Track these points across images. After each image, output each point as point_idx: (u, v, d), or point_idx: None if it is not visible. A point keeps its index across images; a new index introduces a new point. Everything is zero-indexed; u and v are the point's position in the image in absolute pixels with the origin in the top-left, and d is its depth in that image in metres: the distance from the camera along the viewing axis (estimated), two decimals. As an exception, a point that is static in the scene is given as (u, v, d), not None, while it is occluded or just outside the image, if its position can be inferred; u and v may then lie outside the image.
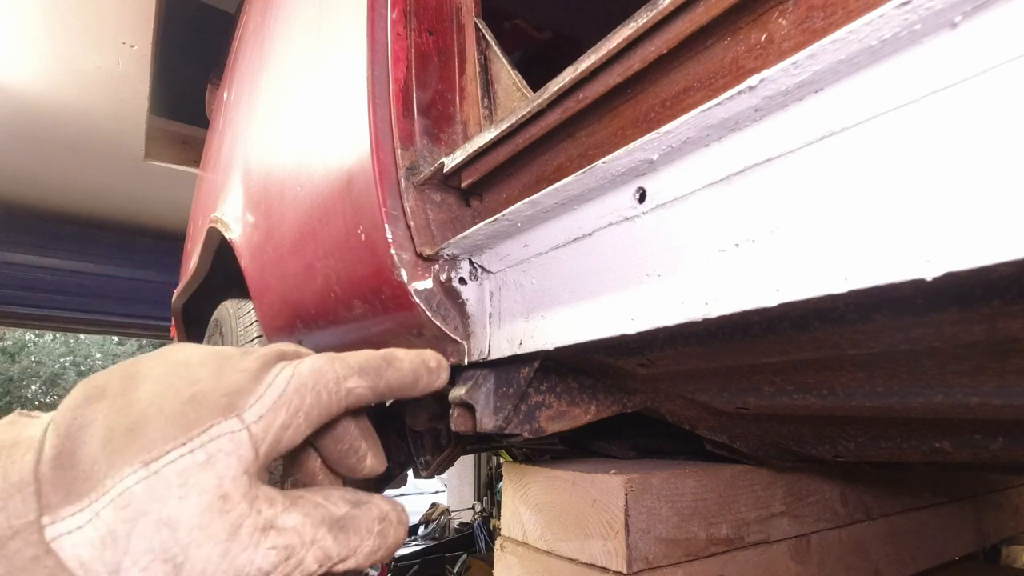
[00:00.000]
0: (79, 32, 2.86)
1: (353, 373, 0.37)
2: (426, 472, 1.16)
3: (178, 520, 0.29)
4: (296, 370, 0.35)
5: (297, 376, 0.34)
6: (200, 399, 0.32)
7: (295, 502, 0.33)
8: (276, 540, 0.31)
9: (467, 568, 4.34)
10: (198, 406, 0.31)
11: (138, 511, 0.29)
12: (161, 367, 0.34)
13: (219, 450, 0.31)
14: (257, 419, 0.32)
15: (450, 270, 0.59)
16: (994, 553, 1.66)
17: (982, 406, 0.40)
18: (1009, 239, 0.22)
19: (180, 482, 0.29)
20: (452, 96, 0.70)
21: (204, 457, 0.30)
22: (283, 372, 0.34)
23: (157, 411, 0.31)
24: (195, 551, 0.29)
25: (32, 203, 4.58)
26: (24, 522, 0.27)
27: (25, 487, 0.27)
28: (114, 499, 0.28)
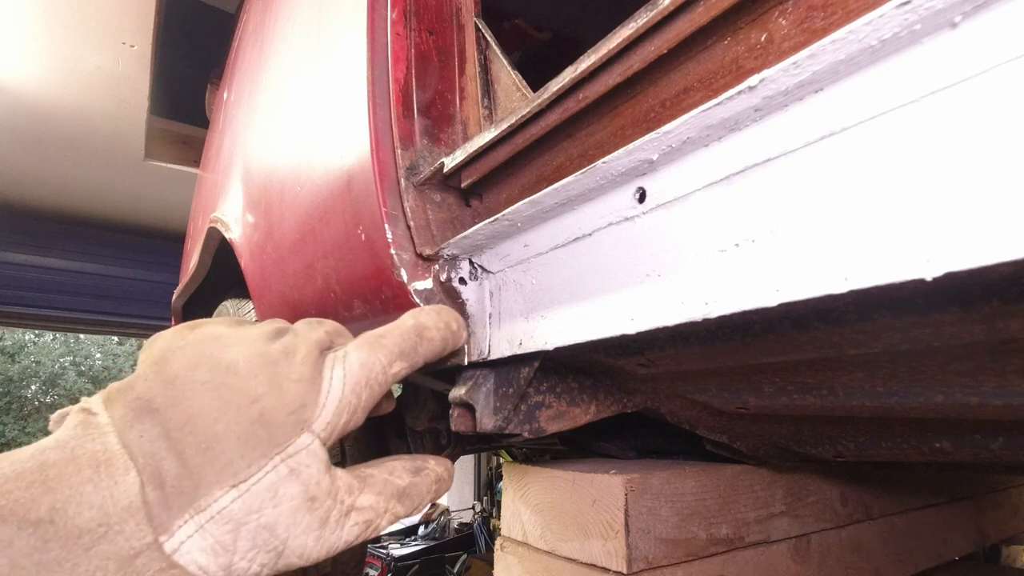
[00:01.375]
0: (79, 32, 2.86)
1: (396, 358, 0.40)
2: (426, 472, 1.16)
3: (275, 523, 0.33)
4: (347, 368, 0.38)
5: (350, 376, 0.37)
6: (268, 419, 0.34)
7: (367, 482, 0.37)
8: (357, 518, 0.36)
9: (467, 568, 4.34)
10: (268, 426, 0.34)
11: (239, 522, 0.32)
12: (205, 372, 0.35)
13: (299, 464, 0.34)
14: (325, 426, 0.36)
15: (450, 270, 0.59)
16: (994, 553, 1.66)
17: (982, 406, 0.40)
18: (1009, 239, 0.22)
19: (271, 495, 0.33)
20: (452, 96, 0.70)
21: (287, 471, 0.34)
22: (335, 373, 0.37)
23: (225, 430, 0.33)
24: (293, 541, 0.34)
25: (32, 203, 4.58)
26: (144, 543, 0.30)
27: (136, 512, 0.31)
28: (214, 516, 0.32)
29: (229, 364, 0.35)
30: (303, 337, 0.38)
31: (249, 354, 0.36)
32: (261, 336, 0.38)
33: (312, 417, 0.35)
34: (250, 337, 0.37)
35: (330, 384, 0.37)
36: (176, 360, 0.35)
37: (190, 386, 0.34)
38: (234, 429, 0.33)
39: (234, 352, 0.36)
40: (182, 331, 0.37)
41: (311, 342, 0.38)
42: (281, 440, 0.34)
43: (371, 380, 0.38)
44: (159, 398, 0.33)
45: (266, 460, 0.33)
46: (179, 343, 0.36)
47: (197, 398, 0.34)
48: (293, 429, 0.34)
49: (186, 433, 0.33)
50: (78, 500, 0.30)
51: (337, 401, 0.36)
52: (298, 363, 0.36)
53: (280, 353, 0.37)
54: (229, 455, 0.33)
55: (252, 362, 0.35)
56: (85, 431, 0.32)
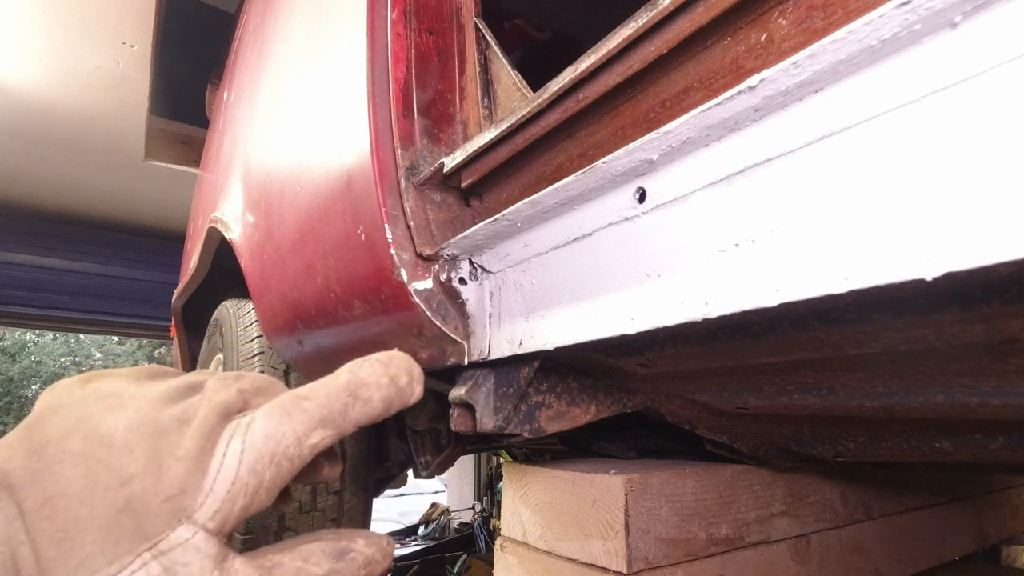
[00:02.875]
0: (79, 32, 2.86)
1: (315, 427, 0.33)
2: (426, 472, 1.16)
3: None
4: (248, 442, 0.31)
5: (250, 450, 0.31)
6: (137, 507, 0.28)
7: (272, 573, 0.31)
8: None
9: (467, 568, 4.34)
10: (136, 515, 0.28)
11: None
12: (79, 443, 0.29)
13: (175, 562, 0.28)
14: (212, 515, 0.30)
15: (450, 270, 0.59)
16: (994, 553, 1.66)
17: (982, 406, 0.40)
18: (1009, 239, 0.22)
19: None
20: (452, 96, 0.70)
21: (159, 570, 0.28)
22: (231, 447, 0.31)
23: (88, 518, 0.28)
24: None
25: (32, 203, 4.58)
26: None
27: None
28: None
29: (105, 433, 0.30)
30: (208, 398, 0.32)
31: (131, 422, 0.30)
32: (160, 396, 0.32)
33: (193, 505, 0.29)
34: (147, 397, 0.31)
35: (221, 462, 0.30)
36: (52, 424, 0.30)
37: (59, 458, 0.29)
38: (98, 517, 0.28)
39: (116, 418, 0.30)
40: (75, 384, 0.32)
41: (214, 405, 0.32)
42: (152, 533, 0.28)
43: (278, 455, 0.31)
44: (17, 471, 0.28)
45: (131, 557, 0.28)
46: (63, 400, 0.31)
47: (63, 474, 0.28)
48: (167, 520, 0.29)
49: (42, 518, 0.28)
50: None
51: (229, 484, 0.30)
52: (188, 435, 0.30)
53: (173, 420, 0.31)
54: (88, 549, 0.27)
55: (133, 432, 0.30)
56: None
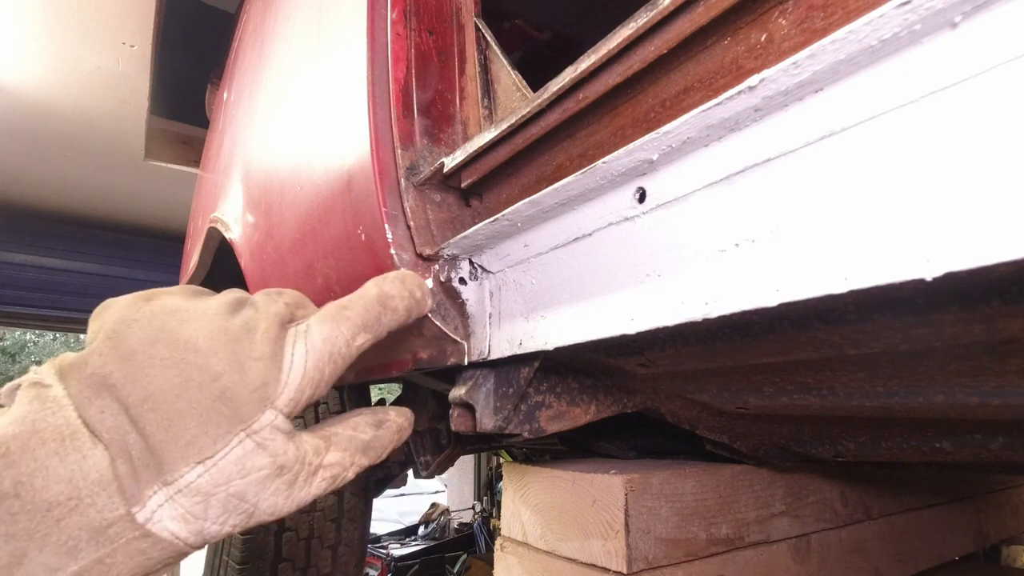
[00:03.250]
0: (79, 32, 2.86)
1: (359, 331, 0.40)
2: (426, 472, 1.16)
3: (244, 491, 0.34)
4: (309, 344, 0.38)
5: (312, 351, 0.38)
6: (231, 397, 0.34)
7: (332, 440, 0.39)
8: (324, 474, 0.38)
9: (467, 568, 4.34)
10: (231, 404, 0.34)
11: (207, 494, 0.34)
12: (163, 348, 0.34)
13: (265, 439, 0.35)
14: (288, 402, 0.36)
15: (450, 270, 0.59)
16: (994, 553, 1.66)
17: (982, 406, 0.40)
18: (1009, 239, 0.22)
19: (238, 468, 0.34)
20: (452, 96, 0.70)
21: (253, 445, 0.35)
22: (297, 349, 0.37)
23: (187, 408, 0.33)
24: (263, 503, 0.35)
25: (32, 203, 4.58)
26: (117, 515, 0.32)
27: (107, 485, 0.32)
28: (182, 489, 0.33)
29: (188, 340, 0.35)
30: (263, 311, 0.38)
31: (209, 330, 0.36)
32: (220, 310, 0.37)
33: (275, 395, 0.36)
34: (209, 311, 0.37)
35: (291, 361, 0.37)
36: (132, 334, 0.35)
37: (149, 362, 0.34)
38: (196, 407, 0.33)
39: (193, 328, 0.35)
40: (136, 302, 0.37)
41: (271, 316, 0.38)
42: (245, 417, 0.35)
43: (334, 354, 0.39)
44: (116, 373, 0.33)
45: (231, 436, 0.34)
46: (134, 315, 0.36)
47: (156, 375, 0.33)
48: (257, 407, 0.35)
49: (147, 410, 0.33)
50: (44, 474, 0.30)
51: (300, 378, 0.37)
52: (258, 340, 0.36)
53: (240, 329, 0.36)
54: (193, 432, 0.33)
55: (212, 339, 0.35)
56: (43, 405, 0.32)
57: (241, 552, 1.36)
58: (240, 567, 1.36)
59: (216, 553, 1.53)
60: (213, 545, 1.55)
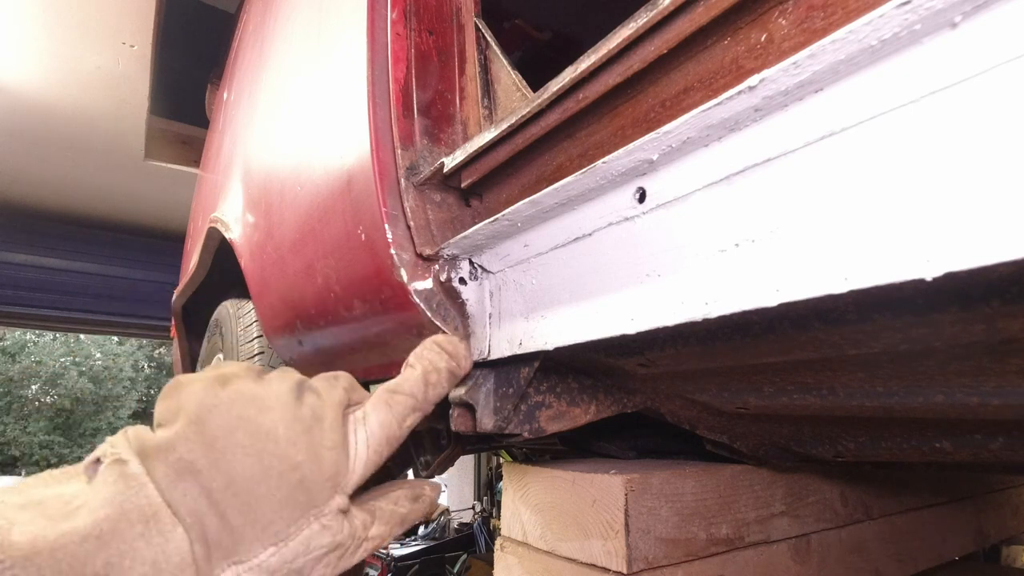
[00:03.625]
0: (79, 32, 2.86)
1: (409, 412, 0.45)
2: (426, 472, 1.16)
3: (303, 567, 0.38)
4: (369, 431, 0.43)
5: (372, 438, 0.43)
6: (308, 486, 0.39)
7: (376, 515, 0.43)
8: (367, 545, 0.42)
9: (467, 568, 4.34)
10: (308, 492, 0.39)
11: (273, 571, 0.37)
12: (245, 437, 0.38)
13: (330, 520, 0.39)
14: (353, 486, 0.41)
15: (450, 270, 0.59)
16: (994, 553, 1.66)
17: (982, 406, 0.40)
18: (1009, 239, 0.22)
19: (304, 548, 0.38)
20: (452, 96, 0.70)
21: (319, 527, 0.39)
22: (359, 437, 0.42)
23: (267, 493, 0.37)
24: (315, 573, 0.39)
25: (32, 203, 4.58)
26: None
27: (187, 567, 0.34)
28: (252, 568, 0.36)
29: (268, 430, 0.39)
30: (327, 400, 0.43)
31: (286, 420, 0.40)
32: (290, 398, 0.41)
33: (345, 482, 0.40)
34: (281, 399, 0.41)
35: (356, 449, 0.42)
36: (214, 421, 0.38)
37: (231, 450, 0.37)
38: (276, 493, 0.37)
39: (271, 417, 0.39)
40: (214, 387, 0.40)
41: (335, 405, 0.42)
42: (319, 503, 0.39)
43: (390, 438, 0.44)
44: (201, 460, 0.36)
45: (304, 521, 0.38)
46: (214, 402, 0.39)
47: (238, 462, 0.37)
48: (329, 493, 0.39)
49: (229, 495, 0.36)
50: (132, 555, 0.33)
51: (364, 463, 0.42)
52: (328, 430, 0.41)
53: (311, 419, 0.41)
54: (270, 516, 0.37)
55: (289, 428, 0.39)
56: (127, 485, 0.35)
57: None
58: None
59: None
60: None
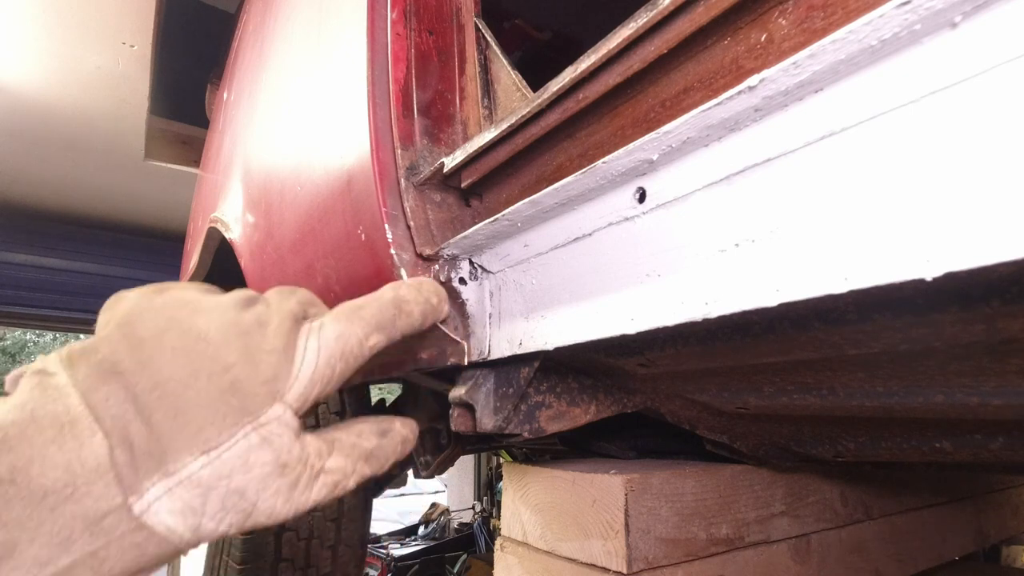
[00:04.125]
0: (79, 32, 2.86)
1: (372, 331, 0.40)
2: (426, 472, 1.16)
3: (245, 488, 0.34)
4: (322, 340, 0.38)
5: (324, 348, 0.38)
6: (240, 388, 0.34)
7: (335, 446, 0.39)
8: (325, 479, 0.37)
9: (467, 568, 4.34)
10: (240, 396, 0.34)
11: (208, 487, 0.33)
12: (175, 338, 0.34)
13: (271, 433, 0.35)
14: (297, 397, 0.36)
15: (450, 270, 0.59)
16: (994, 553, 1.66)
17: (982, 406, 0.40)
18: (1009, 239, 0.22)
19: (241, 462, 0.34)
20: (452, 96, 0.70)
21: (258, 439, 0.34)
22: (310, 344, 0.37)
23: (196, 397, 0.33)
24: (263, 503, 0.35)
25: (32, 203, 4.58)
26: (113, 504, 0.31)
27: (105, 473, 0.31)
28: (182, 481, 0.32)
29: (200, 331, 0.35)
30: (275, 307, 0.38)
31: (221, 322, 0.36)
32: (233, 304, 0.37)
33: (284, 389, 0.36)
34: (222, 305, 0.37)
35: (303, 356, 0.37)
36: (144, 323, 0.35)
37: (159, 351, 0.34)
38: (204, 397, 0.33)
39: (205, 319, 0.36)
40: (149, 293, 0.37)
41: (284, 312, 0.38)
42: (253, 410, 0.34)
43: (346, 353, 0.39)
44: (126, 361, 0.33)
45: (237, 428, 0.34)
46: (146, 305, 0.36)
47: (166, 363, 0.33)
48: (265, 399, 0.35)
49: (154, 398, 0.33)
50: (41, 461, 0.30)
51: (311, 373, 0.37)
52: (271, 334, 0.36)
53: (253, 323, 0.37)
54: (199, 422, 0.33)
55: (225, 331, 0.35)
56: (44, 392, 0.32)
57: (241, 552, 1.36)
58: (240, 567, 1.36)
59: (216, 553, 1.53)
60: (213, 545, 1.55)
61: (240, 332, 0.36)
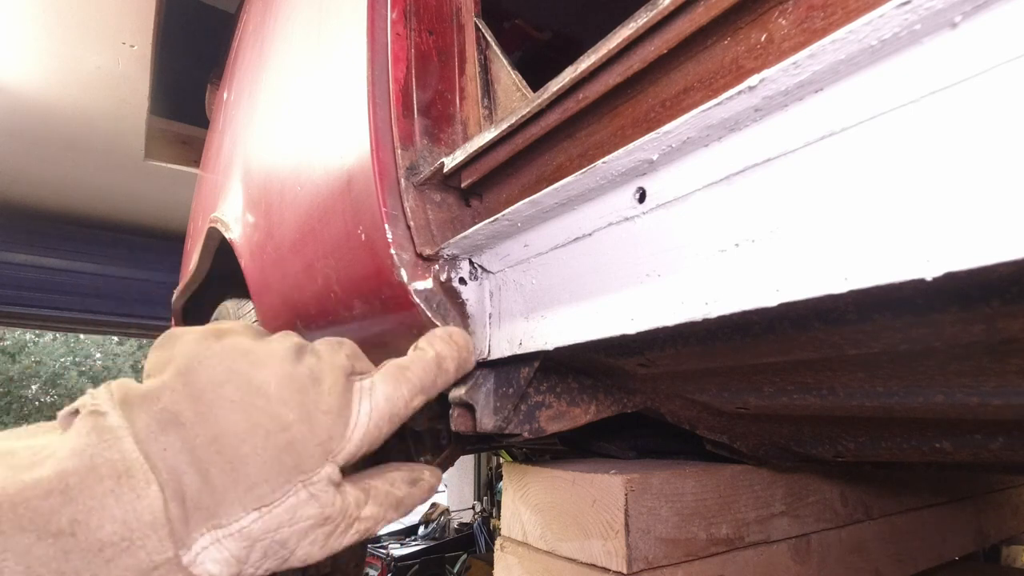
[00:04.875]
0: (79, 32, 2.86)
1: (416, 393, 0.42)
2: (426, 472, 1.16)
3: (288, 539, 0.35)
4: (374, 403, 0.39)
5: (376, 410, 0.39)
6: (297, 448, 0.36)
7: (370, 494, 0.40)
8: (359, 527, 0.39)
9: (467, 568, 4.34)
10: (296, 455, 0.35)
11: (255, 539, 0.34)
12: (234, 392, 0.35)
13: (319, 490, 0.36)
14: (348, 457, 0.38)
15: (450, 270, 0.59)
16: (994, 553, 1.66)
17: (982, 406, 0.40)
18: (1009, 239, 0.22)
19: (288, 516, 0.35)
20: (452, 96, 0.70)
21: (307, 496, 0.36)
22: (363, 407, 0.39)
23: (252, 452, 0.34)
24: (300, 550, 0.36)
25: (32, 203, 4.58)
26: (164, 557, 0.32)
27: (160, 528, 0.31)
28: (233, 533, 0.33)
29: (259, 385, 0.36)
30: (328, 362, 0.39)
31: (279, 377, 0.37)
32: (287, 356, 0.38)
33: (337, 449, 0.37)
34: (276, 355, 0.38)
35: (357, 418, 0.38)
36: (203, 373, 0.35)
37: (219, 403, 0.35)
38: (261, 454, 0.34)
39: (264, 373, 0.36)
40: (207, 339, 0.37)
41: (337, 368, 0.39)
42: (307, 469, 0.36)
43: (394, 415, 0.40)
44: (187, 412, 0.34)
45: (290, 486, 0.35)
46: (206, 354, 0.36)
47: (225, 417, 0.34)
48: (319, 460, 0.36)
49: (212, 452, 0.33)
50: (100, 513, 0.30)
51: (362, 435, 0.38)
52: (326, 393, 0.38)
53: (308, 379, 0.38)
54: (254, 478, 0.34)
55: (283, 386, 0.36)
56: (100, 438, 0.32)
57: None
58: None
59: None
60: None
61: (297, 388, 0.37)
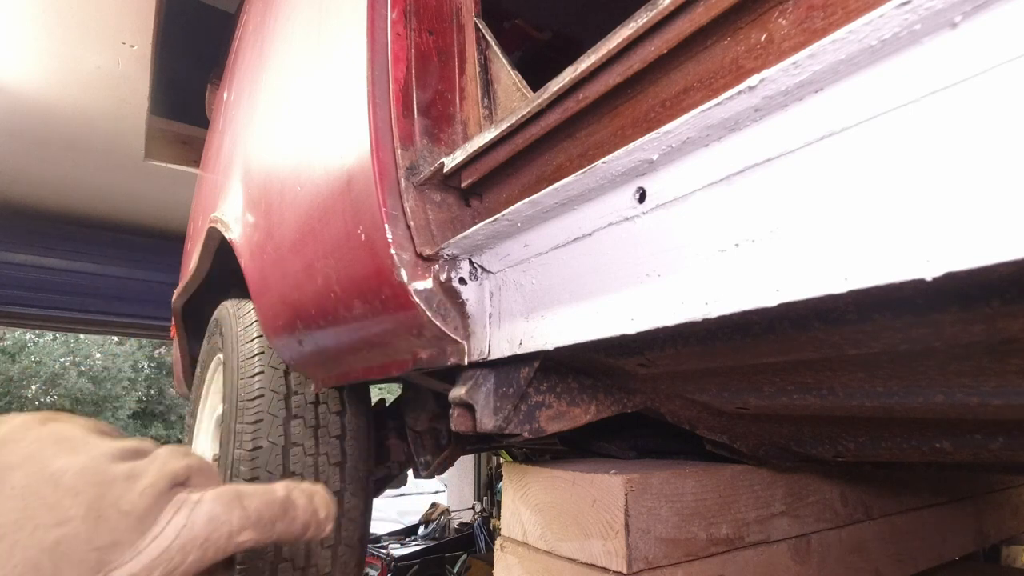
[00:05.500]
0: (79, 32, 2.86)
1: (248, 526, 0.35)
2: (426, 472, 1.16)
3: None
4: (191, 520, 0.32)
5: (190, 528, 0.32)
6: (64, 551, 0.28)
7: None
8: None
9: (467, 568, 4.34)
10: (57, 560, 0.28)
11: None
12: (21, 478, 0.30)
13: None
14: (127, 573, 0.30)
15: (450, 270, 0.59)
16: (994, 553, 1.66)
17: (982, 406, 0.40)
18: (1009, 239, 0.22)
19: None
20: (452, 96, 0.70)
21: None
22: (176, 519, 0.32)
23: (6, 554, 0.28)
24: None
25: (32, 203, 4.58)
26: None
27: None
28: None
29: (53, 474, 0.30)
30: (159, 464, 0.34)
31: (81, 467, 0.31)
32: (110, 451, 0.33)
33: (118, 561, 0.30)
34: (96, 448, 0.33)
35: (162, 529, 0.31)
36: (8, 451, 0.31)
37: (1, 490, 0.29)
38: (17, 554, 0.28)
39: (66, 462, 0.31)
40: (30, 423, 0.34)
41: (164, 472, 0.33)
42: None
43: (210, 541, 0.33)
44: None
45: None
46: (16, 436, 0.32)
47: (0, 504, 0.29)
48: (87, 571, 0.29)
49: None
50: None
51: (158, 552, 0.31)
52: (137, 492, 0.32)
53: (121, 475, 0.32)
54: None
55: (80, 477, 0.31)
56: None
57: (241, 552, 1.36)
58: (239, 567, 1.36)
59: (216, 553, 1.52)
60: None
61: (98, 481, 0.31)
